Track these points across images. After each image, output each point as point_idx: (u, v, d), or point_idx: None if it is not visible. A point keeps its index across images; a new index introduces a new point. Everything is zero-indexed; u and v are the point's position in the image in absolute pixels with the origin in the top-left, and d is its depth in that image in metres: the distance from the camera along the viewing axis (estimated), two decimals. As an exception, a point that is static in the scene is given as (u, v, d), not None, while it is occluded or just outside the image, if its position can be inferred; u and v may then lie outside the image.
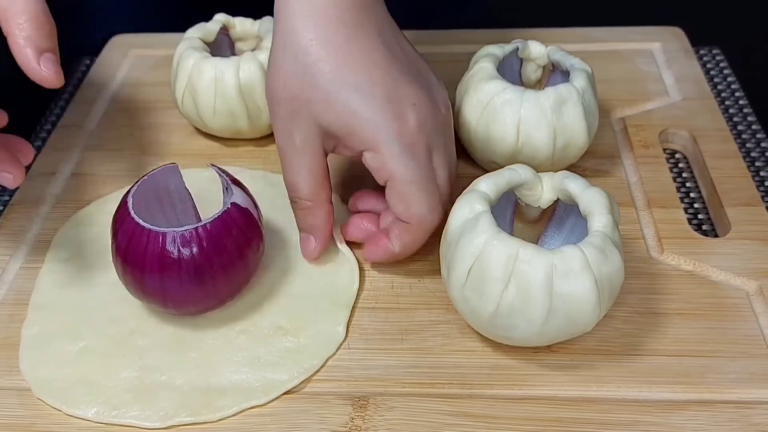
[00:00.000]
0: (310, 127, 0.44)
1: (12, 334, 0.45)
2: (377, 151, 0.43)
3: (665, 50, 0.66)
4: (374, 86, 0.43)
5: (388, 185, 0.44)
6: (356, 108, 0.43)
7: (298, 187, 0.45)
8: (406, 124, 0.44)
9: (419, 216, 0.44)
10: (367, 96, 0.43)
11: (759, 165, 0.57)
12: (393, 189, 0.44)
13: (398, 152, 0.43)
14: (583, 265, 0.38)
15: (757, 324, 0.44)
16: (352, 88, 0.43)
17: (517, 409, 0.40)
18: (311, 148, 0.44)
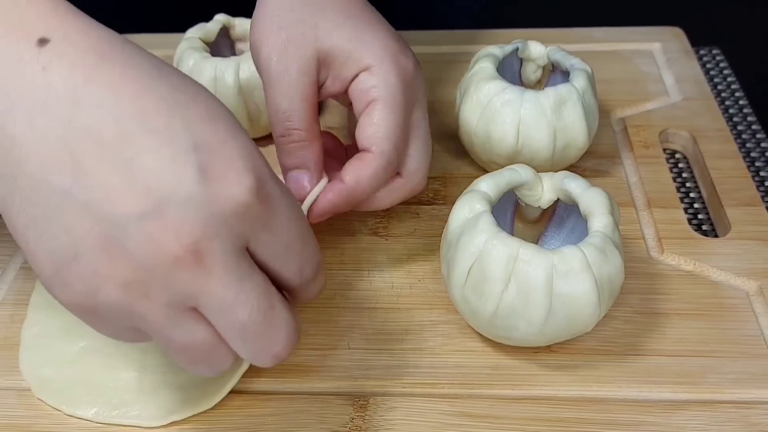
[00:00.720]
0: (309, 53, 0.43)
1: (12, 334, 0.45)
2: (377, 69, 0.43)
3: (665, 50, 0.66)
4: (378, 23, 0.44)
5: (367, 110, 0.43)
6: (361, 34, 0.43)
7: (293, 116, 0.43)
8: (406, 61, 0.44)
9: (383, 143, 0.43)
10: (371, 30, 0.44)
11: (759, 165, 0.57)
12: (371, 112, 0.43)
13: (392, 81, 0.43)
14: (584, 265, 0.38)
15: (757, 324, 0.44)
16: (360, 16, 0.44)
17: (518, 409, 0.40)
18: (309, 76, 0.43)
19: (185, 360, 0.32)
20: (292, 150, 0.44)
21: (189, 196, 0.29)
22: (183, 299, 0.30)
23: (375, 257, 0.49)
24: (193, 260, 0.29)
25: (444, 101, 0.61)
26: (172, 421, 0.40)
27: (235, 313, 0.30)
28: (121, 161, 0.29)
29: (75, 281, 0.30)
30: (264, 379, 0.42)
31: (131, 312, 0.30)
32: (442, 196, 0.53)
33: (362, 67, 0.43)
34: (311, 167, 0.44)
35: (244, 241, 0.31)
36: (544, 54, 0.54)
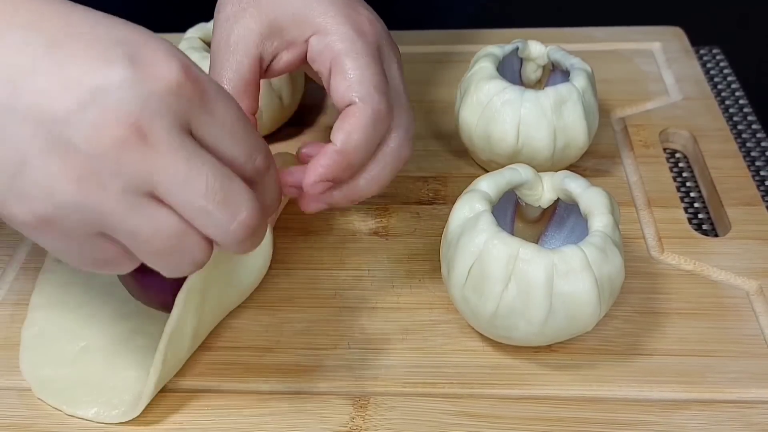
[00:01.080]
0: (253, 24, 0.42)
1: (12, 334, 0.45)
2: (325, 32, 0.41)
3: (665, 50, 0.66)
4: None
5: (332, 69, 0.41)
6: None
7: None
8: (357, 15, 0.42)
9: (363, 89, 0.40)
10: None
11: (759, 164, 0.57)
12: (338, 67, 0.41)
13: (348, 32, 0.41)
14: (584, 264, 0.38)
15: (757, 323, 0.44)
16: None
17: (518, 408, 0.40)
18: (245, 47, 0.42)
19: (157, 255, 0.32)
20: None
21: (122, 80, 0.30)
22: (138, 183, 0.30)
23: (375, 257, 0.49)
24: (138, 139, 0.30)
25: (444, 101, 0.61)
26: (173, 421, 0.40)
27: (191, 186, 0.31)
28: (53, 65, 0.30)
29: (29, 188, 0.30)
30: (264, 379, 0.42)
31: (90, 209, 0.30)
32: (442, 195, 0.53)
33: (313, 29, 0.42)
34: None
35: (185, 122, 0.31)
36: (544, 53, 0.54)
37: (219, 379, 0.42)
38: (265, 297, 0.46)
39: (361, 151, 0.40)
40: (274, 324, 0.45)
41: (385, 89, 0.41)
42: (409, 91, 0.44)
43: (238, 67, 0.42)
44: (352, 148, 0.40)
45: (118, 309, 0.45)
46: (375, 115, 0.40)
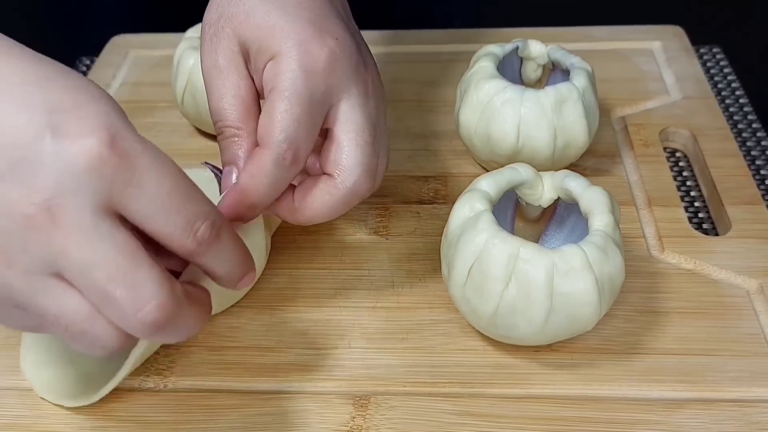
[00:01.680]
0: (233, 45, 0.41)
1: (12, 334, 0.45)
2: (281, 57, 0.39)
3: (665, 49, 0.66)
4: (300, 9, 0.40)
5: (265, 103, 0.40)
6: (275, 20, 0.40)
7: (224, 113, 0.41)
8: (318, 49, 0.39)
9: (271, 134, 0.38)
10: (291, 14, 0.40)
11: (759, 163, 0.57)
12: (268, 102, 0.39)
13: (296, 68, 0.39)
14: (584, 264, 0.38)
15: (757, 322, 0.44)
16: (278, 4, 0.41)
17: (519, 407, 0.40)
18: (237, 69, 0.41)
19: (67, 336, 0.31)
20: (224, 146, 0.42)
21: (39, 153, 0.29)
22: (43, 264, 0.29)
23: (375, 256, 0.49)
24: (46, 219, 0.29)
25: (444, 101, 0.61)
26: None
27: (95, 271, 0.29)
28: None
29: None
30: (264, 379, 0.42)
31: (0, 284, 0.30)
32: (443, 195, 0.53)
33: (270, 55, 0.40)
34: (239, 164, 0.41)
35: (105, 199, 0.30)
36: (544, 53, 0.54)
37: (219, 379, 0.42)
38: (265, 297, 0.46)
39: (262, 192, 0.39)
40: (274, 324, 0.45)
41: (296, 136, 0.39)
42: (384, 125, 0.43)
43: (236, 92, 0.41)
44: (253, 189, 0.39)
45: None
46: (278, 161, 0.39)
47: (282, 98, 0.39)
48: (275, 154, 0.38)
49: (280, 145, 0.38)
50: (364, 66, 0.42)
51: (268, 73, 0.40)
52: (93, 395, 0.40)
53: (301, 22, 0.40)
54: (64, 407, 0.41)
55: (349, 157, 0.40)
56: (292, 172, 0.39)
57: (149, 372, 0.43)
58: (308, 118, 0.39)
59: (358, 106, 0.41)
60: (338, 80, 0.40)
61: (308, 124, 0.39)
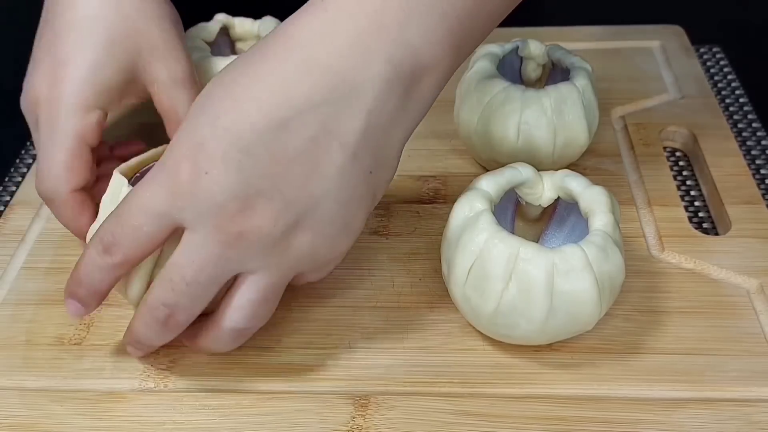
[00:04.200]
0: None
1: (13, 334, 0.45)
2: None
3: (665, 48, 0.66)
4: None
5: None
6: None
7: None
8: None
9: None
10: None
11: (759, 163, 0.57)
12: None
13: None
14: (584, 263, 0.38)
15: (757, 322, 0.44)
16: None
17: (519, 407, 0.40)
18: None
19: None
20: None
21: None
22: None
23: (375, 256, 0.49)
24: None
25: (444, 100, 0.60)
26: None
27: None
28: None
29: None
30: (264, 379, 0.42)
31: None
32: (443, 194, 0.53)
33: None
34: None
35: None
36: (544, 52, 0.54)
37: (219, 379, 0.42)
38: (265, 296, 0.46)
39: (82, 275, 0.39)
40: (274, 324, 0.45)
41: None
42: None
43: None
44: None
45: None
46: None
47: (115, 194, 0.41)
48: (95, 240, 0.38)
49: (98, 236, 0.38)
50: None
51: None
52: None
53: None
54: (63, 407, 0.41)
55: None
56: (108, 262, 0.38)
57: (149, 372, 0.43)
58: (132, 223, 0.38)
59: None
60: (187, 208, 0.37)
61: (131, 228, 0.37)
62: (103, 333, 0.45)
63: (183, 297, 0.38)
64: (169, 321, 0.38)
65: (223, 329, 0.39)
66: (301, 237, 0.37)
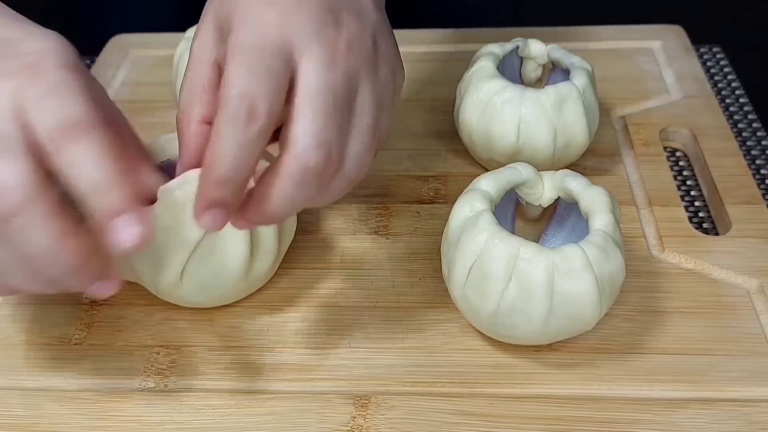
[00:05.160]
0: (210, 29, 0.39)
1: (13, 334, 0.45)
2: (233, 30, 0.37)
3: (665, 48, 0.66)
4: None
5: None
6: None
7: (182, 103, 0.40)
8: (268, 10, 0.36)
9: (225, 94, 0.34)
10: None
11: (759, 163, 0.57)
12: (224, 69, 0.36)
13: (244, 27, 0.36)
14: (584, 263, 0.38)
15: (758, 322, 0.44)
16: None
17: (519, 407, 0.40)
18: (208, 57, 0.39)
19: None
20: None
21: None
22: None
23: (376, 256, 0.49)
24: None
25: (444, 100, 0.60)
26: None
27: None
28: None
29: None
30: (264, 379, 0.42)
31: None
32: (443, 194, 0.53)
33: (230, 31, 0.38)
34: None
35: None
36: (544, 52, 0.54)
37: (219, 379, 0.42)
38: (265, 297, 0.46)
39: (225, 165, 0.34)
40: (274, 324, 0.45)
41: (248, 87, 0.35)
42: (371, 102, 0.38)
43: (201, 82, 0.39)
44: (213, 162, 0.35)
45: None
46: (231, 120, 0.34)
47: (232, 56, 0.35)
48: (229, 112, 0.34)
49: (232, 101, 0.34)
50: (337, 27, 0.37)
51: (226, 48, 0.37)
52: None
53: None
54: (63, 407, 0.41)
55: (297, 126, 0.35)
56: (253, 131, 0.34)
57: (149, 372, 0.43)
58: (261, 67, 0.35)
59: (318, 69, 0.36)
60: (296, 33, 0.36)
61: (262, 74, 0.35)
62: (103, 333, 0.45)
63: (334, 128, 0.35)
64: (327, 165, 0.36)
65: (347, 167, 0.37)
66: (381, 51, 0.39)
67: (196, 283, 0.43)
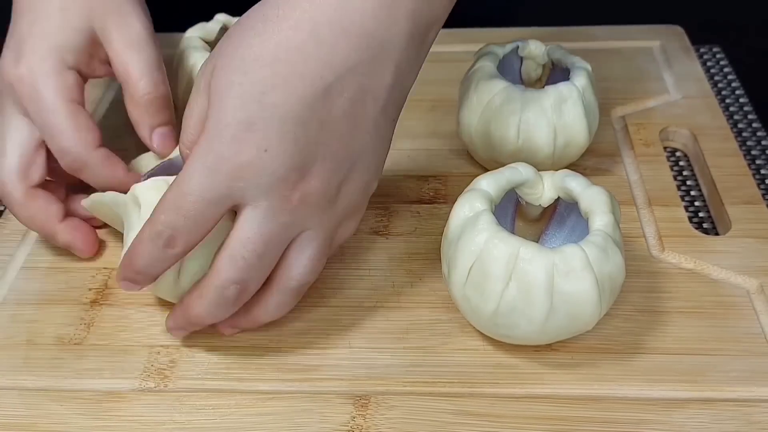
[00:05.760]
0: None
1: (13, 334, 0.45)
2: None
3: (665, 48, 0.66)
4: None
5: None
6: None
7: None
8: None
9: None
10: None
11: (759, 163, 0.57)
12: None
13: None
14: (584, 263, 0.38)
15: (758, 322, 0.44)
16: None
17: (519, 407, 0.40)
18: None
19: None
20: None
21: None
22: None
23: (376, 256, 0.49)
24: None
25: (444, 100, 0.60)
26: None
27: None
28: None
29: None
30: (264, 379, 0.42)
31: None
32: (443, 194, 0.53)
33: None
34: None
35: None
36: (544, 52, 0.54)
37: (219, 379, 0.42)
38: (265, 296, 0.46)
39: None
40: (274, 324, 0.45)
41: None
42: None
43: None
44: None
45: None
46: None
47: (176, 182, 0.39)
48: (153, 230, 0.38)
49: (158, 224, 0.38)
50: (298, 183, 0.38)
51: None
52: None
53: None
54: (63, 407, 0.41)
55: (216, 262, 0.40)
56: (168, 254, 0.39)
57: (149, 372, 0.43)
58: (191, 210, 0.38)
59: (254, 219, 0.38)
60: (248, 186, 0.38)
61: (190, 215, 0.38)
62: (103, 333, 0.45)
63: (253, 270, 0.39)
64: (240, 297, 0.40)
65: (286, 290, 0.41)
66: (346, 188, 0.40)
67: (192, 281, 0.42)
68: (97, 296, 0.47)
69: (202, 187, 0.37)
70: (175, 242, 0.38)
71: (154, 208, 0.39)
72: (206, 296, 0.40)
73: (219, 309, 0.40)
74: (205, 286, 0.40)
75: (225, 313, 0.41)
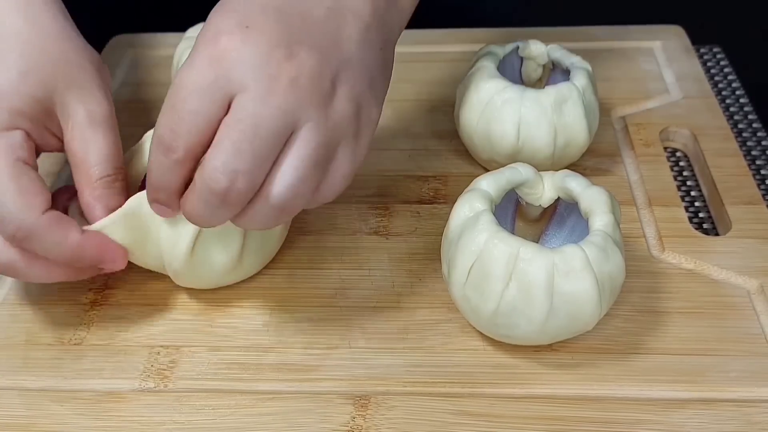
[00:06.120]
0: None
1: (13, 334, 0.45)
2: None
3: (666, 49, 0.66)
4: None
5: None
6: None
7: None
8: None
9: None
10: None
11: (760, 163, 0.57)
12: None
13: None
14: (584, 264, 0.38)
15: (758, 322, 0.44)
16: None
17: (519, 407, 0.40)
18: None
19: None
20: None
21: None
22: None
23: (376, 256, 0.49)
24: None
25: (444, 100, 0.60)
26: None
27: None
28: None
29: None
30: (264, 379, 0.42)
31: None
32: (443, 195, 0.53)
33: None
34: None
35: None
36: (545, 52, 0.54)
37: (219, 379, 0.42)
38: (265, 296, 0.46)
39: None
40: (274, 324, 0.45)
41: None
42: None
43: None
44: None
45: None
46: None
47: (169, 92, 0.38)
48: (155, 139, 0.38)
49: (158, 131, 0.38)
50: (284, 62, 0.37)
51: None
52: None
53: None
54: (63, 407, 0.41)
55: (210, 152, 0.37)
56: (171, 160, 0.37)
57: (149, 372, 0.43)
58: (184, 107, 0.37)
59: (247, 102, 0.36)
60: (233, 68, 0.37)
61: (184, 113, 0.37)
62: (103, 333, 0.45)
63: (246, 158, 0.36)
64: (230, 192, 0.36)
65: (272, 196, 0.37)
66: (340, 90, 0.38)
67: (204, 259, 0.43)
68: (97, 296, 0.47)
69: (189, 79, 0.37)
70: (174, 146, 0.37)
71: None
72: (197, 192, 0.37)
73: (208, 207, 0.37)
74: (197, 183, 0.37)
75: (215, 211, 0.37)
